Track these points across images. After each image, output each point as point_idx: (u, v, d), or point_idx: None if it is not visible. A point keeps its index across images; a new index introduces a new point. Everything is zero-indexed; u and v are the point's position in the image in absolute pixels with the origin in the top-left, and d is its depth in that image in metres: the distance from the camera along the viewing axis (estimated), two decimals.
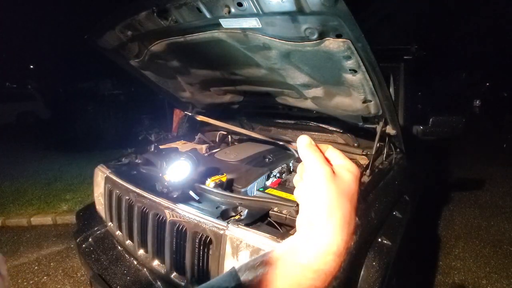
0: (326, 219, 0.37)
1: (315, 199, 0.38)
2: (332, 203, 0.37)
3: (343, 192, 0.38)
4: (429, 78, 3.30)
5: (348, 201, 0.38)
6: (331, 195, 0.37)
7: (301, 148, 0.44)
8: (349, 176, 0.40)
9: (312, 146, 0.43)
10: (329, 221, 0.37)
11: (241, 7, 1.07)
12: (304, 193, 0.40)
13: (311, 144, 0.44)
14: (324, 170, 0.39)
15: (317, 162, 0.40)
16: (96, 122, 7.91)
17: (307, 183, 0.40)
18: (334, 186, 0.38)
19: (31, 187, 4.35)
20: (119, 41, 1.71)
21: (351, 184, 0.40)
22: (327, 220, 0.37)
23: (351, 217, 0.38)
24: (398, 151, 1.80)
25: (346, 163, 0.43)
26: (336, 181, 0.39)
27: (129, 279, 1.40)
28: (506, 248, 2.86)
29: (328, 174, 0.39)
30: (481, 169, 4.99)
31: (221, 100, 2.30)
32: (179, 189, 1.35)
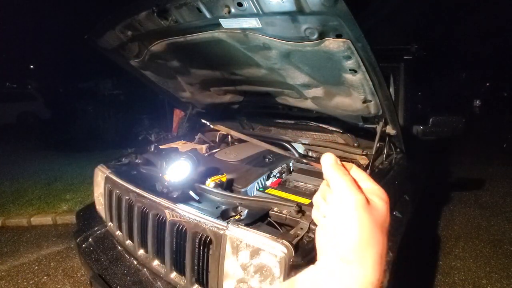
0: (360, 254, 0.33)
1: (346, 230, 0.34)
2: (366, 236, 0.34)
3: (377, 223, 0.35)
4: (429, 78, 3.30)
5: (382, 234, 0.35)
6: (365, 227, 0.34)
7: (327, 168, 0.41)
8: (382, 205, 0.37)
9: (339, 167, 0.40)
10: (363, 257, 0.33)
11: (241, 7, 1.07)
12: (332, 220, 0.37)
13: (337, 164, 0.41)
14: (357, 198, 0.35)
15: (348, 188, 0.37)
16: (96, 122, 7.91)
17: (336, 210, 0.36)
18: (368, 217, 0.34)
19: (31, 187, 4.35)
20: (119, 41, 1.71)
21: (385, 214, 0.37)
22: (361, 255, 0.33)
23: (384, 251, 0.35)
24: (398, 151, 1.80)
25: (375, 187, 0.40)
26: (370, 211, 0.35)
27: (129, 279, 1.40)
28: (506, 248, 2.86)
29: (362, 203, 0.35)
30: (481, 169, 4.99)
31: (221, 100, 2.30)
32: (179, 189, 1.35)
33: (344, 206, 0.36)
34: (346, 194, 0.36)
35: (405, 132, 1.79)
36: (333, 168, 0.40)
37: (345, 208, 0.35)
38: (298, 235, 1.06)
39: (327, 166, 0.41)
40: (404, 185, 1.77)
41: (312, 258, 1.00)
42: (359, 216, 0.34)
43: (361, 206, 0.35)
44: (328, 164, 0.41)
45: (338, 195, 0.37)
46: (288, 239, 1.01)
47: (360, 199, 0.35)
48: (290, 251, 0.97)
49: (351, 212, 0.35)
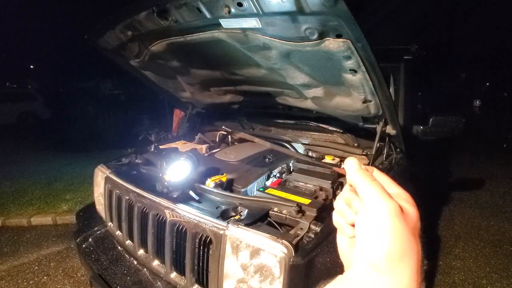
0: (396, 265, 0.32)
1: (381, 239, 0.33)
2: (402, 246, 0.32)
3: (412, 230, 0.34)
4: (429, 78, 3.30)
5: (416, 242, 0.34)
6: (401, 236, 0.32)
7: (352, 173, 0.39)
8: (413, 211, 0.36)
9: (365, 172, 0.39)
10: (398, 268, 0.32)
11: (241, 7, 1.07)
12: (364, 229, 0.35)
13: (362, 169, 0.40)
14: (391, 205, 0.34)
15: (380, 195, 0.35)
16: (96, 122, 7.92)
17: (369, 218, 0.35)
18: (403, 225, 0.33)
19: (31, 187, 4.35)
20: (119, 41, 1.71)
21: (416, 220, 0.35)
22: (397, 266, 0.32)
23: (420, 260, 0.34)
24: (398, 151, 1.80)
25: (401, 192, 0.39)
26: (405, 218, 0.34)
27: (129, 279, 1.40)
28: (506, 248, 2.86)
29: (396, 211, 0.33)
30: (481, 169, 4.99)
31: (221, 100, 2.30)
32: (179, 189, 1.35)
33: (378, 214, 0.34)
34: (379, 201, 0.34)
35: (405, 132, 1.79)
36: (359, 173, 0.39)
37: (379, 216, 0.34)
38: (298, 235, 1.06)
39: (352, 172, 0.39)
40: (404, 185, 1.76)
41: (312, 258, 1.00)
42: (394, 224, 0.33)
43: (395, 214, 0.33)
44: (353, 169, 0.39)
45: (369, 202, 0.35)
46: (288, 239, 1.01)
47: (394, 206, 0.34)
48: (290, 251, 0.97)
49: (386, 220, 0.33)
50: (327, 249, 1.04)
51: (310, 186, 1.46)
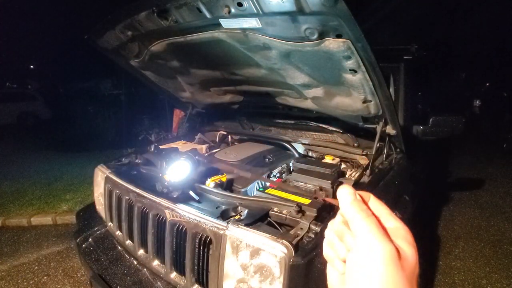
0: None
1: (373, 286, 0.30)
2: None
3: (409, 278, 0.31)
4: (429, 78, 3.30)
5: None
6: (395, 285, 0.30)
7: (346, 206, 0.36)
8: (412, 253, 0.32)
9: (361, 205, 0.35)
10: None
11: (241, 7, 1.07)
12: (354, 270, 0.32)
13: (358, 201, 0.36)
14: (386, 250, 0.30)
15: (375, 235, 0.32)
16: (96, 122, 7.92)
17: (360, 259, 0.32)
18: (399, 272, 0.30)
19: (31, 187, 4.35)
20: (119, 41, 1.71)
21: (415, 264, 0.32)
22: None
23: None
24: (398, 151, 1.80)
25: (399, 226, 0.35)
26: (401, 264, 0.31)
27: (129, 279, 1.40)
28: (506, 248, 2.86)
29: (392, 256, 0.30)
30: (481, 169, 5.00)
31: (221, 100, 2.30)
32: (179, 189, 1.35)
33: (372, 258, 0.31)
34: (373, 243, 0.31)
35: (405, 132, 1.79)
36: (354, 206, 0.35)
37: (373, 261, 0.30)
38: (298, 235, 1.06)
39: (346, 204, 0.36)
40: (404, 185, 1.77)
41: (312, 258, 1.00)
42: (389, 272, 0.30)
43: (391, 260, 0.30)
44: (348, 202, 0.36)
45: (362, 242, 0.32)
46: (288, 239, 1.01)
47: (390, 251, 0.30)
48: (290, 251, 0.97)
49: (380, 267, 0.30)
50: None
51: (310, 186, 1.46)
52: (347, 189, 0.37)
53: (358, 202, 0.36)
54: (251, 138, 2.35)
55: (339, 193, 0.38)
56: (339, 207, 0.37)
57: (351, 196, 0.37)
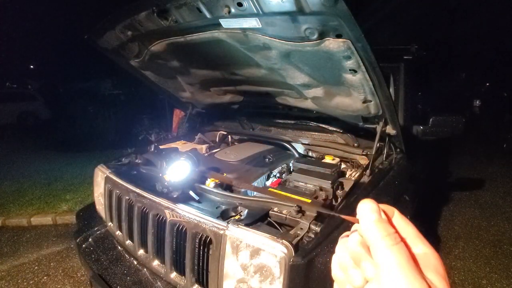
0: None
1: None
2: None
3: None
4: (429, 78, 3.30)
5: None
6: None
7: (368, 227, 0.30)
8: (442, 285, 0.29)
9: (387, 228, 0.29)
10: None
11: (241, 7, 1.07)
12: None
13: (383, 221, 0.30)
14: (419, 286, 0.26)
15: (404, 271, 0.26)
16: (96, 122, 7.92)
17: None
18: None
19: (31, 187, 4.35)
20: (119, 41, 1.71)
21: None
22: None
23: None
24: (398, 151, 1.80)
25: (429, 252, 0.30)
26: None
27: (129, 279, 1.40)
28: (506, 248, 2.86)
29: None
30: (481, 169, 5.00)
31: (221, 100, 2.30)
32: (179, 189, 1.35)
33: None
34: (402, 280, 0.26)
35: (405, 132, 1.79)
36: (378, 228, 0.29)
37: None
38: (298, 235, 1.06)
39: (369, 223, 0.30)
40: (404, 185, 1.77)
41: (312, 258, 1.00)
42: None
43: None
44: (370, 220, 0.30)
45: (387, 276, 0.27)
46: (288, 239, 1.01)
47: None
48: (290, 251, 0.97)
49: None
50: (327, 249, 1.04)
51: (310, 186, 1.46)
52: (369, 204, 0.31)
53: (383, 222, 0.30)
54: (251, 138, 2.35)
55: (360, 209, 0.31)
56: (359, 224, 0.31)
57: (375, 215, 0.30)
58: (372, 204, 0.31)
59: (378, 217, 0.30)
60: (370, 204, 0.31)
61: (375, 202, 0.31)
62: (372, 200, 0.31)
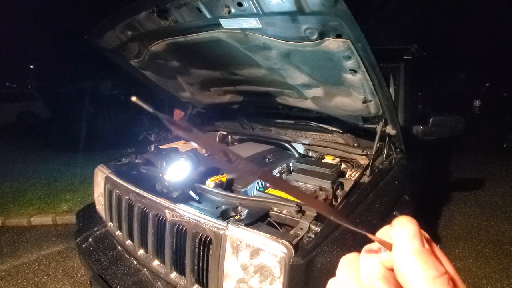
0: None
1: None
2: None
3: None
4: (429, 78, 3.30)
5: None
6: None
7: (407, 257, 0.22)
8: None
9: (435, 264, 0.22)
10: None
11: (241, 7, 1.07)
12: None
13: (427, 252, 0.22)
14: None
15: None
16: (96, 122, 7.91)
17: None
18: None
19: (31, 187, 4.34)
20: (119, 41, 1.71)
21: None
22: None
23: None
24: (398, 151, 1.80)
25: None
26: None
27: (129, 279, 1.40)
28: (506, 248, 2.86)
29: None
30: (481, 169, 5.00)
31: (221, 100, 2.30)
32: (179, 189, 1.35)
33: None
34: None
35: (405, 132, 1.79)
36: (422, 264, 0.21)
37: None
38: (298, 235, 1.06)
39: (407, 253, 0.22)
40: (404, 185, 1.77)
41: (312, 258, 1.00)
42: None
43: None
44: (409, 250, 0.22)
45: None
46: (288, 239, 1.01)
47: None
48: (290, 251, 0.97)
49: None
50: (327, 249, 1.04)
51: (310, 186, 1.46)
52: (409, 226, 0.23)
53: (429, 256, 0.22)
54: (251, 138, 2.35)
55: (396, 230, 0.23)
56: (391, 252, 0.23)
57: (416, 242, 0.22)
58: (412, 225, 0.23)
59: (420, 246, 0.22)
60: (410, 225, 0.23)
61: (416, 222, 0.23)
62: (411, 219, 0.24)
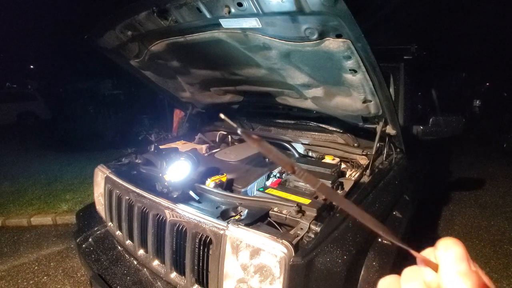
0: None
1: None
2: None
3: None
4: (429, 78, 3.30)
5: None
6: None
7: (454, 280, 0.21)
8: None
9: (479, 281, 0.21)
10: None
11: (241, 7, 1.07)
12: None
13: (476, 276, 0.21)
14: None
15: None
16: (96, 122, 7.91)
17: None
18: None
19: (31, 187, 4.34)
20: (119, 41, 1.71)
21: None
22: None
23: None
24: (398, 151, 1.80)
25: None
26: None
27: (129, 279, 1.40)
28: (506, 248, 2.86)
29: None
30: (481, 169, 5.00)
31: (221, 100, 2.30)
32: (179, 189, 1.35)
33: None
34: None
35: (405, 132, 1.79)
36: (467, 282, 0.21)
37: None
38: (298, 235, 1.06)
39: (456, 274, 0.21)
40: (404, 185, 1.77)
41: (312, 258, 1.00)
42: None
43: None
44: (455, 271, 0.21)
45: None
46: (288, 239, 1.01)
47: None
48: (290, 251, 0.97)
49: None
50: (327, 249, 1.04)
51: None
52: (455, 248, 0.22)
53: (476, 277, 0.21)
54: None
55: (442, 252, 0.22)
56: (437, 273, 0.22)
57: (464, 264, 0.21)
58: (459, 247, 0.22)
59: (468, 268, 0.21)
60: (456, 247, 0.22)
61: (462, 244, 0.22)
62: (457, 241, 0.23)
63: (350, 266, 1.05)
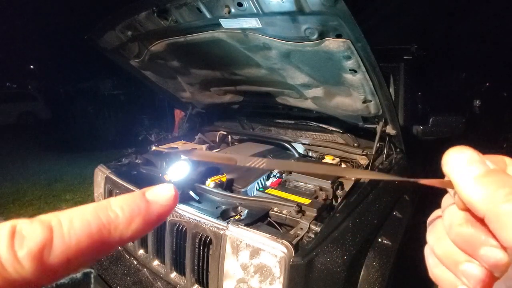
0: None
1: None
2: None
3: None
4: (429, 78, 3.30)
5: None
6: None
7: (472, 188, 0.18)
8: None
9: (505, 178, 0.18)
10: None
11: (241, 7, 1.07)
12: None
13: (496, 173, 0.18)
14: None
15: None
16: (96, 122, 7.92)
17: None
18: None
19: (31, 188, 4.34)
20: (119, 41, 1.71)
21: None
22: None
23: None
24: (398, 151, 1.80)
25: None
26: None
27: (129, 279, 1.40)
28: None
29: None
30: None
31: (221, 100, 2.30)
32: (179, 189, 1.35)
33: None
34: None
35: (405, 132, 1.79)
36: (493, 186, 0.17)
37: None
38: (298, 235, 1.06)
39: (471, 183, 0.18)
40: (404, 185, 1.77)
41: (312, 258, 1.00)
42: None
43: None
44: (470, 178, 0.18)
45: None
46: (288, 239, 1.01)
47: None
48: (290, 251, 0.97)
49: None
50: (327, 249, 1.04)
51: (310, 186, 1.46)
52: (461, 153, 0.19)
53: (499, 174, 0.18)
54: (251, 138, 2.35)
55: (449, 165, 0.20)
56: (453, 190, 0.20)
57: (478, 166, 0.18)
58: (464, 151, 0.19)
59: (484, 169, 0.18)
60: (461, 152, 0.19)
61: (468, 148, 0.20)
62: (461, 147, 0.20)
63: (350, 266, 1.05)
